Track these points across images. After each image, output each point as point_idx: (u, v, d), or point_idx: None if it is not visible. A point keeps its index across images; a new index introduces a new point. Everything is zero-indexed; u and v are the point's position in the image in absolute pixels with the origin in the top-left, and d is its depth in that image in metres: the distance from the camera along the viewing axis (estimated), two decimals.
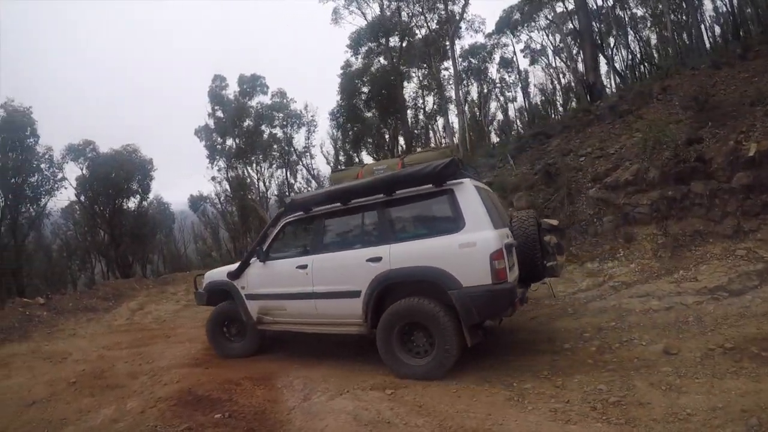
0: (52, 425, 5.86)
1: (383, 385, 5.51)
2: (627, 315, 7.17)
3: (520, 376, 5.65)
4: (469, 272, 5.29)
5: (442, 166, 5.58)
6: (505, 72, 33.56)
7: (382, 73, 20.81)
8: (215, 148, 29.84)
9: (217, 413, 5.23)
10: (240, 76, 29.82)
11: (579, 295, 8.58)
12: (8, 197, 21.47)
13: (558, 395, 4.99)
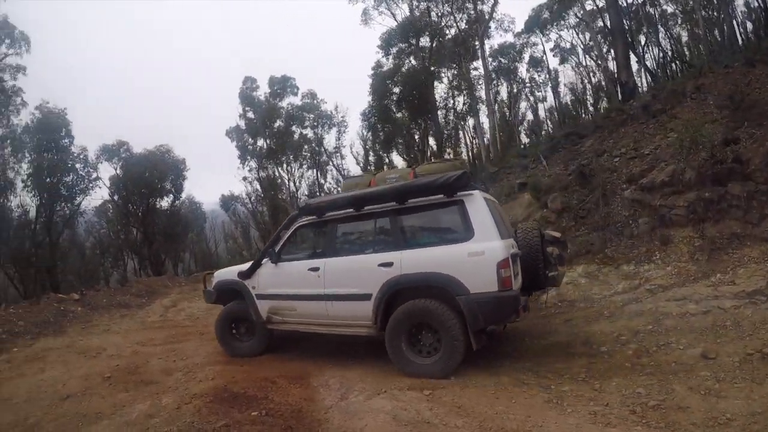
0: (86, 419, 5.91)
1: (421, 386, 5.47)
2: (664, 318, 7.01)
3: (557, 378, 5.63)
4: (476, 279, 5.53)
5: (455, 177, 5.79)
6: (534, 71, 33.18)
7: (412, 73, 20.70)
8: (246, 149, 30.07)
9: (253, 411, 5.22)
10: (270, 77, 30.13)
11: (615, 298, 8.41)
12: (43, 196, 21.95)
13: (597, 398, 4.94)
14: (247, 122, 30.01)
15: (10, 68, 21.36)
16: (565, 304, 8.71)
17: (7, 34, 20.78)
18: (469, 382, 5.60)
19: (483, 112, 26.06)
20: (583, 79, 33.34)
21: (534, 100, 34.95)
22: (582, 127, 16.89)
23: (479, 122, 25.96)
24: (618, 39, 19.72)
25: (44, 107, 22.54)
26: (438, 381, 5.64)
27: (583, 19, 28.17)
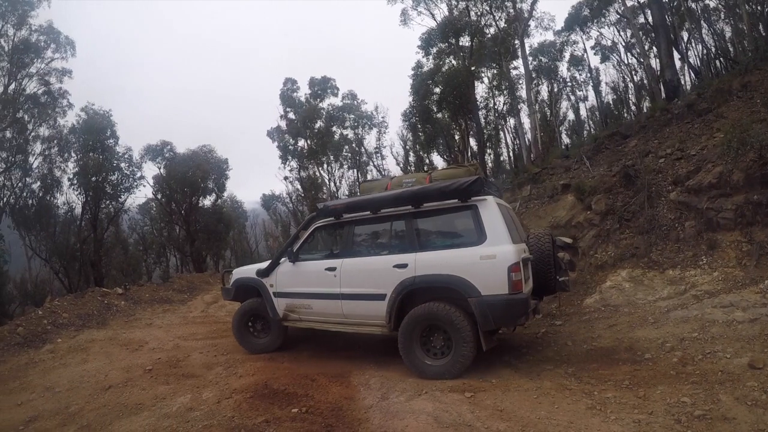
0: (127, 409, 6.05)
1: (462, 388, 5.43)
2: (710, 326, 6.76)
3: (600, 384, 5.50)
4: (488, 282, 5.66)
5: (469, 183, 5.95)
6: (575, 70, 32.48)
7: (452, 73, 20.51)
8: (287, 149, 30.32)
9: (293, 408, 5.25)
10: (311, 78, 30.34)
11: (660, 304, 8.17)
12: (89, 194, 22.58)
13: (641, 406, 4.81)
14: (288, 123, 30.27)
15: (56, 72, 21.93)
16: (609, 308, 8.50)
17: (53, 39, 21.37)
18: (510, 386, 5.53)
19: (524, 112, 25.81)
20: (625, 77, 32.54)
21: (575, 100, 34.24)
22: (625, 127, 16.43)
23: (520, 122, 25.63)
24: (661, 35, 19.05)
25: (90, 109, 23.30)
26: (480, 383, 5.60)
27: (624, 16, 27.37)
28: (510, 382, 5.67)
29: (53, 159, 22.71)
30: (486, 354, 6.28)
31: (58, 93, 22.07)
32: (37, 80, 21.43)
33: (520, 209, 13.05)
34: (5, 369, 8.63)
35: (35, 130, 22.06)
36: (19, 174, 21.74)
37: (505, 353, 7.01)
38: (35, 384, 7.64)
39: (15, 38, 20.26)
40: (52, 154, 22.62)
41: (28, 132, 21.68)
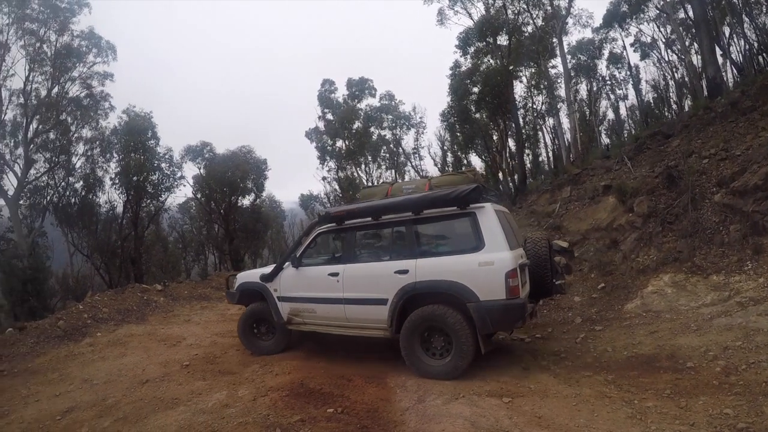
0: (163, 403, 6.15)
1: (500, 393, 5.38)
2: (755, 334, 6.49)
3: (641, 393, 5.38)
4: (486, 287, 5.83)
5: (468, 191, 6.08)
6: (614, 68, 31.62)
7: (491, 72, 20.28)
8: (326, 149, 30.44)
9: (329, 407, 5.26)
10: (348, 79, 30.38)
11: (703, 310, 7.90)
12: (130, 193, 23.14)
13: (682, 416, 4.69)
14: (326, 124, 30.40)
15: (98, 75, 22.55)
16: (650, 314, 8.26)
17: (94, 44, 21.94)
18: (549, 392, 5.45)
19: (563, 111, 25.34)
20: (665, 75, 31.56)
21: (615, 99, 33.41)
22: (667, 126, 15.93)
23: (559, 122, 25.20)
24: (702, 31, 18.35)
25: (131, 111, 23.82)
26: (518, 389, 5.54)
27: (664, 11, 26.53)
28: (548, 388, 5.59)
29: (95, 159, 23.35)
30: (524, 359, 6.26)
31: (100, 96, 22.71)
32: (80, 84, 22.07)
33: (560, 211, 12.80)
34: (45, 361, 8.90)
35: (78, 132, 22.74)
36: (63, 174, 22.39)
37: (543, 358, 6.92)
38: (74, 376, 7.85)
39: (57, 44, 20.85)
40: (94, 155, 23.26)
41: (71, 133, 22.29)
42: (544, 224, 12.61)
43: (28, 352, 9.62)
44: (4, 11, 19.37)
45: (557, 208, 13.01)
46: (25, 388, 7.63)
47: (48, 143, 21.86)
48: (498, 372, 6.16)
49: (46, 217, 22.10)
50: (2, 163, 20.28)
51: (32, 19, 20.00)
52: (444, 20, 23.73)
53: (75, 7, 20.81)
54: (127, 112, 23.60)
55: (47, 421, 6.16)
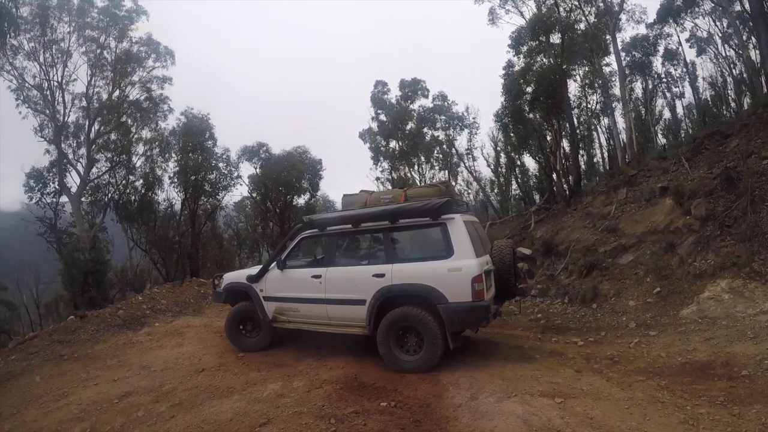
0: (218, 391, 6.40)
1: (552, 393, 5.39)
2: None
3: (694, 399, 5.29)
4: (454, 291, 6.39)
5: (439, 204, 6.68)
6: (670, 65, 30.39)
7: (544, 71, 19.93)
8: (379, 150, 30.40)
9: (382, 401, 5.39)
10: (401, 80, 30.09)
11: (761, 318, 7.61)
12: (188, 192, 23.84)
13: (734, 424, 4.61)
14: (379, 124, 30.22)
15: (157, 79, 23.26)
16: (706, 320, 8.04)
17: (153, 49, 22.68)
18: (601, 394, 5.42)
19: (618, 110, 24.60)
20: (723, 71, 30.06)
21: (671, 97, 32.14)
22: (726, 125, 15.30)
23: (614, 122, 24.49)
24: (760, 25, 17.25)
25: (189, 113, 24.47)
26: (570, 390, 5.53)
27: (719, 4, 25.27)
28: (601, 391, 5.55)
29: (155, 159, 24.11)
30: (576, 361, 6.30)
31: (159, 99, 23.40)
32: (139, 87, 22.82)
33: (616, 213, 12.51)
34: (104, 347, 9.33)
35: (138, 133, 23.55)
36: (123, 172, 23.26)
37: (596, 362, 6.86)
38: (132, 362, 8.22)
39: (117, 50, 21.67)
40: (153, 155, 24.02)
41: (131, 135, 23.12)
42: (600, 226, 12.36)
43: (88, 339, 10.11)
44: (65, 20, 20.32)
45: (613, 210, 12.71)
46: (84, 372, 8.04)
47: (109, 144, 22.79)
48: (550, 373, 6.19)
49: (107, 213, 23.08)
50: (66, 163, 21.17)
51: (92, 27, 20.88)
52: (495, 20, 23.33)
53: (133, 15, 21.58)
54: (185, 113, 24.32)
55: (105, 404, 6.50)
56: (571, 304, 10.47)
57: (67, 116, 20.89)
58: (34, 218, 20.67)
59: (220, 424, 5.32)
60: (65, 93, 20.70)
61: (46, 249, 21.42)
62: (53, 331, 11.06)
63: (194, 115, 24.26)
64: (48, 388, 7.54)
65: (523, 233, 15.80)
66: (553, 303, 10.84)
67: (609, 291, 10.23)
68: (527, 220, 17.02)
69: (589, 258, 11.45)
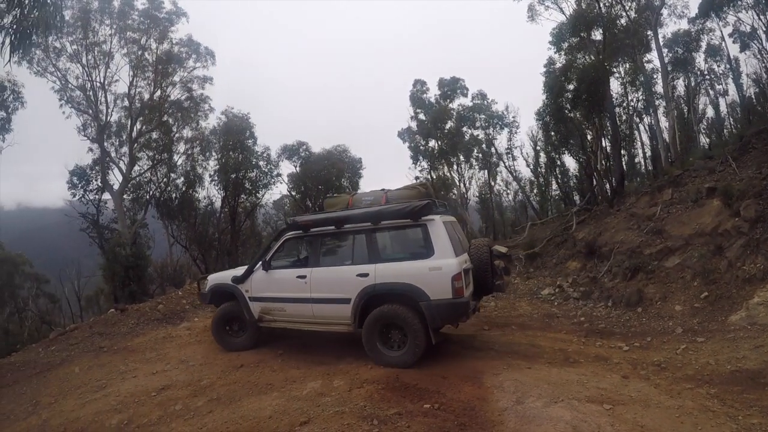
0: (257, 388, 6.44)
1: (600, 399, 5.27)
2: None
3: (746, 409, 5.15)
4: (435, 289, 6.65)
5: (420, 207, 6.96)
6: (713, 61, 29.41)
7: (586, 68, 19.50)
8: (418, 149, 30.33)
9: (426, 403, 5.31)
10: (440, 79, 29.77)
11: None
12: (228, 190, 24.48)
13: None
14: (419, 124, 30.10)
15: (197, 79, 23.69)
16: (756, 327, 7.75)
17: (193, 50, 23.15)
18: (651, 402, 5.28)
19: (660, 108, 23.93)
20: None
21: (714, 95, 31.09)
22: None
23: (657, 120, 23.85)
24: None
25: (229, 112, 25.04)
26: (618, 396, 5.40)
27: None
28: (650, 398, 5.41)
29: (196, 157, 24.74)
30: (623, 367, 6.32)
31: (199, 98, 23.83)
32: (180, 87, 23.30)
33: (661, 214, 12.15)
34: (144, 341, 9.55)
35: (179, 132, 24.11)
36: (165, 170, 23.92)
37: (643, 368, 6.69)
38: (171, 356, 8.36)
39: (158, 51, 22.17)
40: (194, 153, 24.63)
41: (172, 134, 23.71)
42: (645, 228, 12.03)
43: (128, 332, 10.36)
44: (106, 23, 20.89)
45: (658, 212, 12.35)
46: (123, 364, 8.23)
47: (151, 142, 23.42)
48: (597, 378, 6.05)
49: (149, 210, 23.65)
50: (108, 161, 21.79)
51: (133, 29, 21.39)
52: (534, 16, 23.01)
53: (173, 17, 22.02)
54: (225, 113, 24.82)
55: (142, 396, 6.62)
56: (615, 307, 10.22)
57: (109, 116, 21.55)
58: (77, 214, 21.23)
59: (258, 421, 5.34)
60: (107, 93, 21.35)
61: (88, 244, 22.02)
62: (93, 323, 11.36)
63: (234, 114, 24.76)
64: (87, 379, 7.74)
65: (565, 234, 15.56)
66: (596, 306, 10.60)
67: (654, 295, 9.96)
68: (568, 221, 16.75)
69: (634, 260, 11.16)
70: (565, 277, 12.81)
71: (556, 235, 15.89)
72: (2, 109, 19.48)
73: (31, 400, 7.27)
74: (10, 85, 19.54)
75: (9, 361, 9.79)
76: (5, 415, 6.94)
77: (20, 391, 7.85)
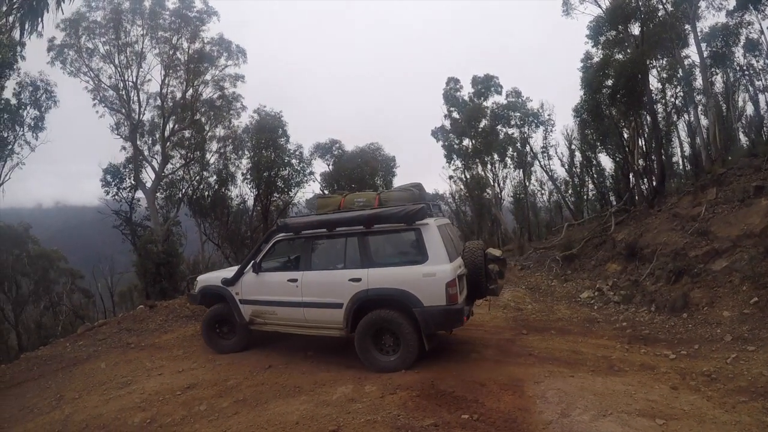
0: (285, 390, 6.29)
1: (651, 413, 4.93)
2: None
3: None
4: (429, 295, 6.59)
5: (414, 211, 6.86)
6: (752, 56, 28.29)
7: (625, 63, 18.92)
8: (452, 148, 30.13)
9: (463, 413, 5.03)
10: (473, 77, 29.58)
11: None
12: (261, 188, 24.38)
13: None
14: (452, 122, 29.90)
15: (229, 78, 23.66)
16: None
17: (225, 48, 23.08)
18: (705, 416, 4.93)
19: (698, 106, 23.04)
20: None
21: (753, 91, 29.86)
22: None
23: (697, 117, 23.00)
24: None
25: (262, 110, 24.93)
26: (670, 410, 5.07)
27: None
28: (704, 413, 5.05)
29: (228, 156, 24.80)
30: (671, 377, 6.08)
31: (231, 97, 23.90)
32: (212, 86, 23.39)
33: (706, 215, 11.62)
34: (172, 338, 9.55)
35: (211, 131, 24.20)
36: (197, 168, 24.01)
37: (692, 378, 6.30)
38: (198, 355, 8.33)
39: (189, 50, 22.23)
40: (227, 152, 24.70)
41: (205, 132, 23.79)
42: (689, 229, 11.52)
43: (156, 328, 10.38)
44: (137, 23, 21.10)
45: (702, 212, 11.81)
46: (149, 361, 8.22)
47: (183, 141, 23.62)
48: (645, 389, 5.69)
49: (181, 207, 23.82)
50: (141, 159, 22.03)
51: (164, 28, 21.56)
52: (570, 10, 22.50)
53: (204, 16, 22.05)
54: (257, 111, 24.77)
55: (167, 395, 6.55)
56: (659, 312, 9.73)
57: (142, 114, 21.73)
58: (111, 211, 21.50)
59: (284, 426, 5.17)
60: (140, 92, 21.53)
61: (122, 241, 22.24)
62: (122, 319, 11.43)
63: (267, 112, 24.68)
64: (112, 375, 7.75)
65: (603, 235, 15.09)
66: (638, 311, 10.12)
67: (701, 300, 9.45)
68: (606, 221, 16.24)
69: (678, 263, 10.62)
70: (605, 279, 12.35)
71: (594, 236, 15.47)
72: (36, 108, 19.79)
73: (55, 395, 7.32)
74: (42, 84, 19.84)
75: (36, 354, 9.93)
76: (29, 409, 7.00)
77: (45, 385, 7.92)
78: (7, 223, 27.91)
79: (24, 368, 9.21)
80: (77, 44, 20.45)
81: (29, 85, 19.53)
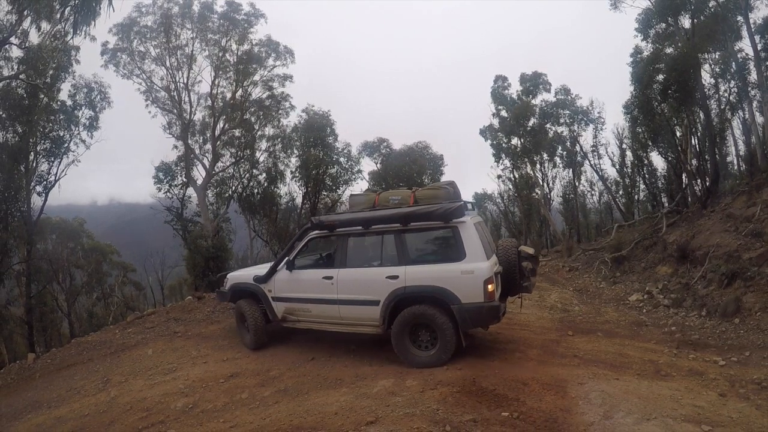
0: (326, 382, 6.43)
1: (697, 419, 4.81)
2: None
3: None
4: (467, 292, 6.66)
5: (452, 209, 6.89)
6: None
7: (676, 57, 18.25)
8: (500, 147, 29.81)
9: (504, 411, 5.01)
10: (521, 74, 29.12)
11: None
12: (309, 186, 24.90)
13: None
14: (500, 121, 29.55)
15: (278, 78, 24.23)
16: None
17: (273, 49, 23.64)
18: (753, 426, 4.78)
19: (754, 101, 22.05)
20: None
21: None
22: None
23: (752, 114, 21.97)
24: None
25: (310, 110, 25.42)
26: (716, 417, 4.93)
27: None
28: (752, 421, 4.90)
29: (277, 154, 25.31)
30: (719, 383, 6.02)
31: (280, 96, 24.40)
32: (261, 86, 23.95)
33: (761, 215, 11.15)
34: (218, 329, 9.83)
35: (261, 130, 24.75)
36: (247, 166, 24.61)
37: (742, 386, 6.09)
38: (242, 345, 8.53)
39: (238, 52, 22.88)
40: (276, 150, 25.20)
41: (254, 131, 24.37)
42: (743, 230, 11.09)
43: (203, 319, 10.69)
44: (187, 27, 21.86)
45: (758, 212, 11.35)
46: (195, 350, 8.50)
47: (233, 140, 24.23)
48: (691, 395, 5.54)
49: (231, 204, 24.45)
50: (192, 157, 22.75)
51: (213, 31, 22.23)
52: (617, 3, 21.91)
53: (252, 19, 22.65)
54: (306, 111, 25.23)
55: (210, 382, 6.78)
56: (710, 317, 9.42)
57: (193, 114, 22.51)
58: (163, 208, 22.14)
59: (323, 417, 5.26)
60: (191, 93, 22.33)
61: (173, 236, 22.95)
62: (170, 309, 11.83)
63: (315, 111, 25.16)
64: (158, 362, 8.05)
65: (654, 237, 14.72)
66: (688, 315, 9.84)
67: (754, 304, 9.09)
68: (657, 223, 15.85)
69: (732, 266, 10.20)
70: (655, 282, 12.05)
71: (645, 237, 15.13)
72: (90, 108, 20.81)
73: (102, 378, 7.68)
74: (96, 86, 20.86)
75: (87, 339, 10.41)
76: (76, 390, 7.38)
77: (94, 368, 8.32)
78: (62, 218, 29.26)
79: (74, 352, 9.69)
80: (129, 48, 21.42)
81: (84, 86, 20.63)
